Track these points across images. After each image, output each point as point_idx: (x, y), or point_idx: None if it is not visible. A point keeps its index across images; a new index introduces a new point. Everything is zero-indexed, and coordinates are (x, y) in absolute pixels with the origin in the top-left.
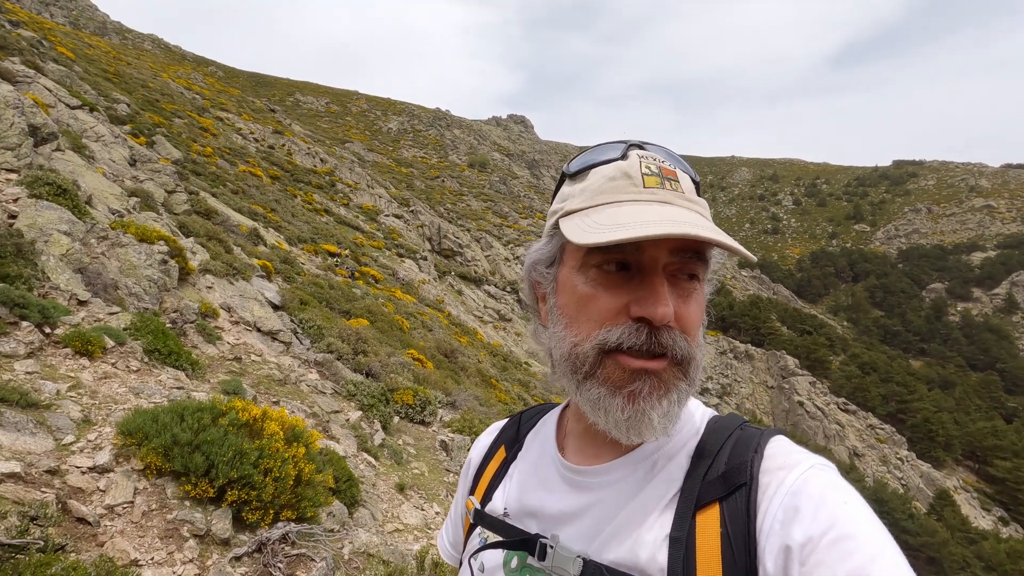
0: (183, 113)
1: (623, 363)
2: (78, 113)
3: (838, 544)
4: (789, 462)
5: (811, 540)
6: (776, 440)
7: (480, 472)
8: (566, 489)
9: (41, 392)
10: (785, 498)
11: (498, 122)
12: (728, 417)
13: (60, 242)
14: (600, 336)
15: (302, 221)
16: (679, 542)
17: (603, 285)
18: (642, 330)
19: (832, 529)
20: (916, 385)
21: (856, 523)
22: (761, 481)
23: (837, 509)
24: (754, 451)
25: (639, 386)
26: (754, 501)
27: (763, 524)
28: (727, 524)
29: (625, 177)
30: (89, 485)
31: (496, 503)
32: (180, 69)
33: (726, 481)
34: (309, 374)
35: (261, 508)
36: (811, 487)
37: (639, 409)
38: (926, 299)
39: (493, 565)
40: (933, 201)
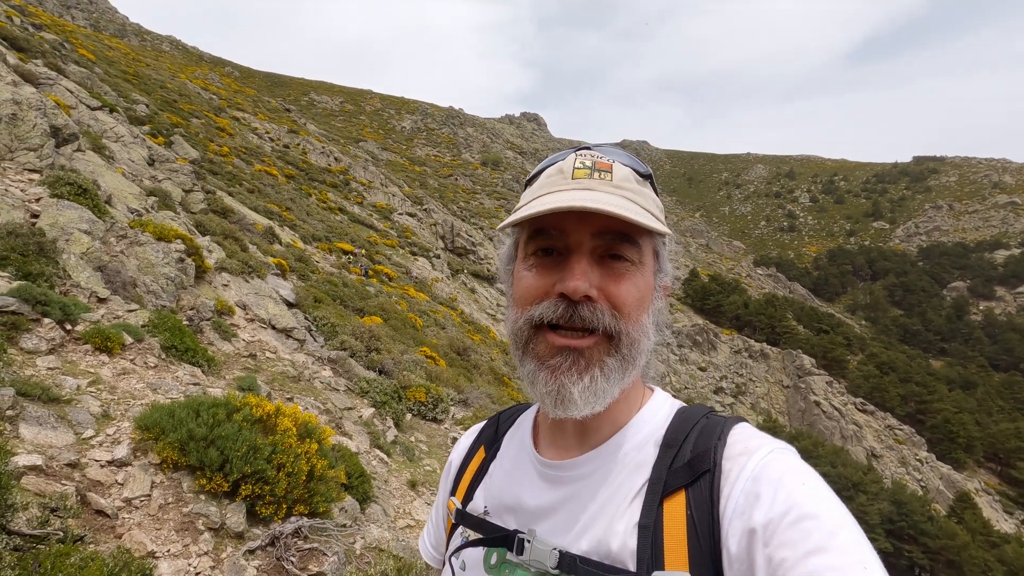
0: (200, 113)
1: (549, 339)
2: (98, 114)
3: (798, 524)
4: (750, 447)
5: (772, 522)
6: (739, 427)
7: (460, 473)
8: (542, 484)
9: (62, 387)
10: (747, 483)
11: (511, 120)
12: (694, 407)
13: (81, 241)
14: (529, 312)
15: (317, 219)
16: (647, 529)
17: (537, 269)
18: (559, 304)
19: (792, 510)
20: (936, 385)
21: (815, 503)
22: (724, 467)
23: (796, 491)
24: (717, 438)
25: (559, 361)
26: (717, 487)
27: (726, 509)
28: (692, 510)
29: (559, 173)
30: (108, 478)
31: (477, 502)
32: (197, 70)
33: (691, 469)
34: (323, 371)
35: (274, 502)
36: (770, 471)
37: (560, 383)
38: (947, 298)
39: (474, 562)
40: (955, 198)
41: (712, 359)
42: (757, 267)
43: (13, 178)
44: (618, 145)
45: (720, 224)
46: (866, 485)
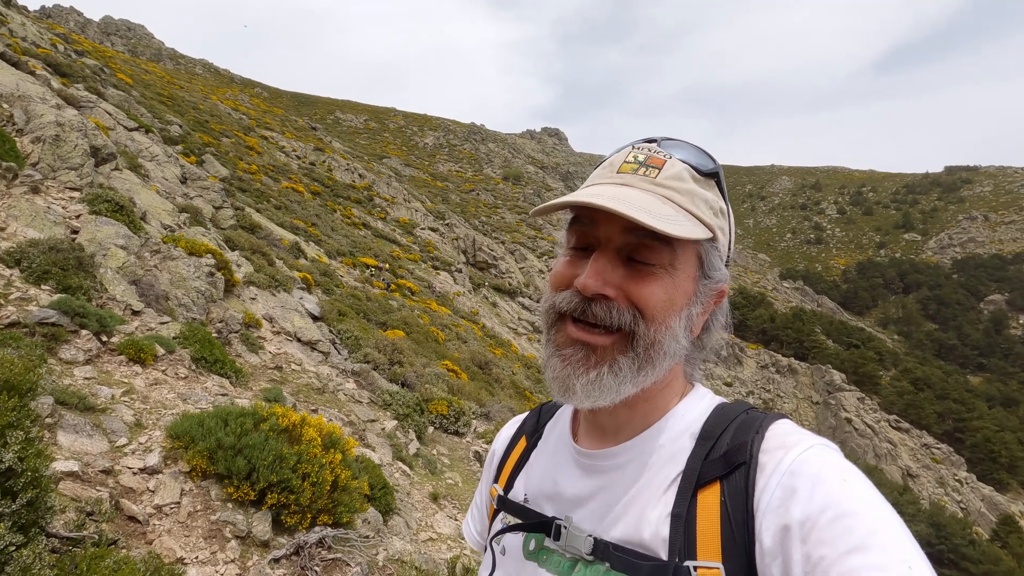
0: (230, 132)
1: (567, 330)
2: (135, 135)
3: (837, 521)
4: (788, 442)
5: (809, 518)
6: (779, 423)
7: (503, 462)
8: (579, 473)
9: (98, 396)
10: (783, 477)
11: (532, 135)
12: (735, 403)
13: (117, 255)
14: (553, 298)
15: (341, 235)
16: (680, 519)
17: (570, 258)
18: (575, 297)
19: (831, 507)
20: (975, 402)
21: (855, 500)
22: (760, 460)
23: (835, 487)
24: (755, 432)
25: (571, 352)
26: (752, 479)
27: (760, 502)
28: (727, 501)
29: (609, 166)
30: (139, 485)
31: (517, 490)
32: (228, 91)
33: (726, 460)
34: (347, 383)
35: (299, 512)
36: (809, 467)
37: (566, 373)
38: (984, 311)
39: (513, 547)
40: (990, 208)
41: (738, 374)
42: (783, 280)
43: (55, 196)
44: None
45: (744, 237)
46: (902, 506)
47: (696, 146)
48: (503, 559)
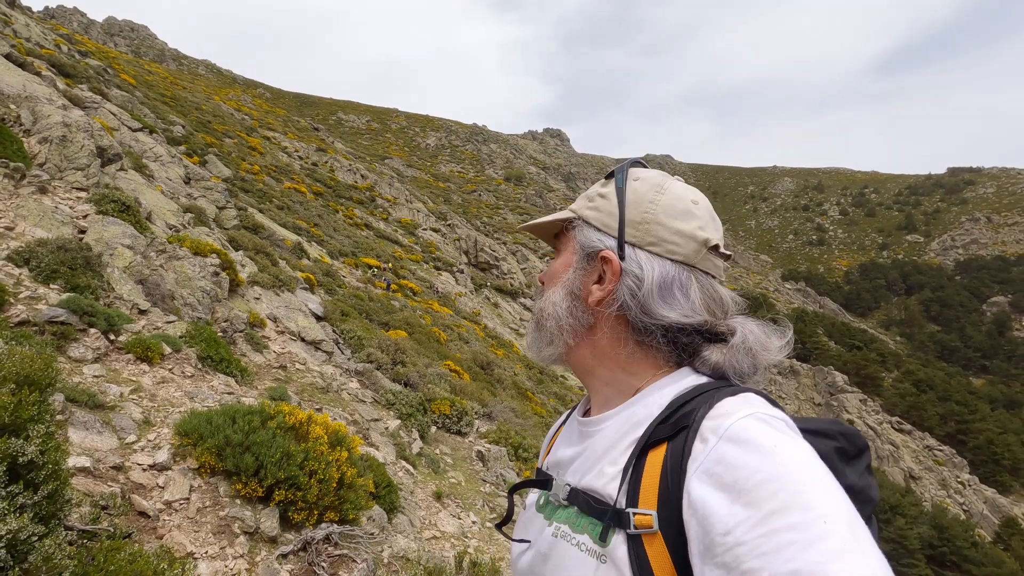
0: (233, 133)
1: None
2: (139, 135)
3: (763, 485)
4: (731, 410)
5: (737, 482)
6: (741, 396)
7: (547, 445)
8: (577, 439)
9: (106, 394)
10: (719, 443)
11: (534, 136)
12: (718, 382)
13: (124, 255)
14: None
15: (343, 235)
16: (627, 470)
17: None
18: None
19: (758, 471)
20: (978, 404)
21: (782, 465)
22: (703, 425)
23: (765, 454)
24: (706, 402)
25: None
26: (690, 441)
27: (693, 462)
28: (667, 460)
29: None
30: (149, 481)
31: (547, 462)
32: (231, 92)
33: (674, 424)
34: (350, 383)
35: (306, 508)
36: (744, 433)
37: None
38: (987, 313)
39: (531, 503)
40: (993, 210)
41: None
42: (785, 281)
43: (63, 196)
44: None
45: (746, 238)
46: (904, 508)
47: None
48: (522, 512)
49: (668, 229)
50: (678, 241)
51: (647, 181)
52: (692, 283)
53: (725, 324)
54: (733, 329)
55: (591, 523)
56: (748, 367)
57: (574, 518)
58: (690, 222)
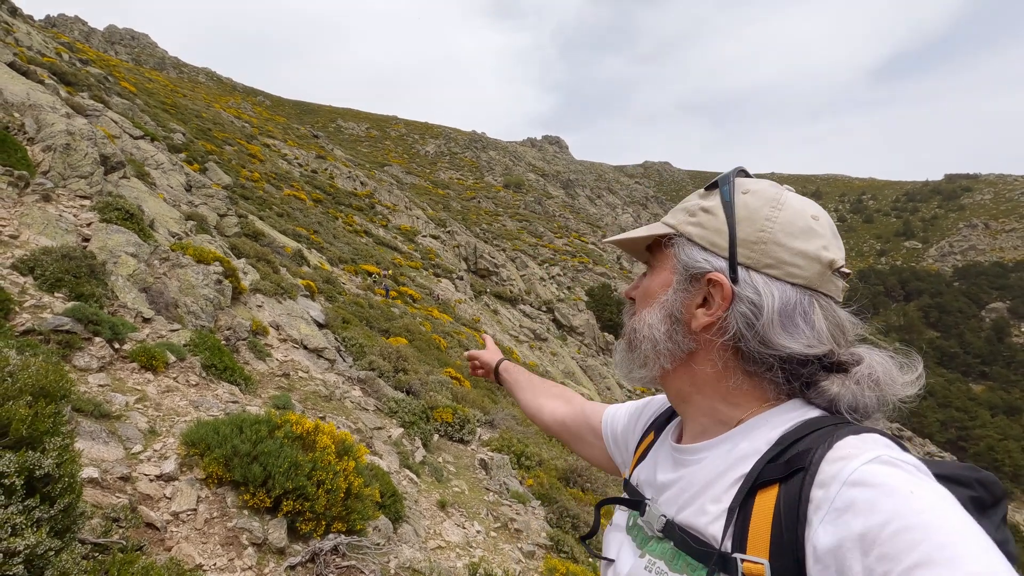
0: (233, 140)
1: None
2: (140, 143)
3: (901, 535)
4: (853, 453)
5: (871, 531)
6: (861, 436)
7: (638, 447)
8: (670, 465)
9: (112, 404)
10: (842, 488)
11: (533, 143)
12: (835, 416)
13: (127, 263)
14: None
15: (343, 242)
16: (734, 513)
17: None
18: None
19: (894, 520)
20: (978, 411)
21: (922, 513)
22: (821, 468)
23: (900, 500)
24: (824, 441)
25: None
26: (808, 485)
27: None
28: (781, 504)
29: None
30: (156, 492)
31: (636, 475)
32: (231, 99)
33: (787, 465)
34: (353, 391)
35: (314, 519)
36: (873, 477)
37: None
38: (986, 319)
39: (620, 520)
40: (990, 216)
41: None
42: None
43: (66, 204)
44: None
45: None
46: None
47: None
48: (610, 528)
49: (789, 250)
50: (800, 263)
51: (760, 195)
52: (815, 309)
53: (848, 352)
54: (859, 358)
55: (690, 565)
56: (872, 402)
57: (670, 555)
58: (813, 241)
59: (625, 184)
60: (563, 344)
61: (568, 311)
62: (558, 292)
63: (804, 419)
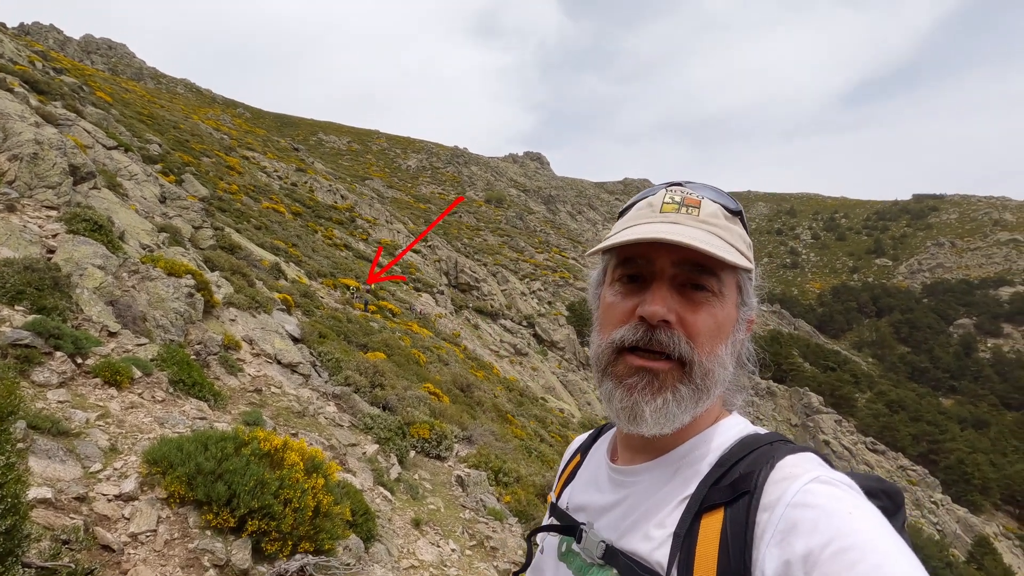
0: (211, 152)
1: (628, 360)
2: (114, 153)
3: (841, 555)
4: (795, 473)
5: (812, 552)
6: (798, 455)
7: (561, 474)
8: (607, 486)
9: (71, 420)
10: (786, 510)
11: (515, 159)
12: (767, 434)
13: (94, 275)
14: (611, 336)
15: (322, 256)
16: (679, 538)
17: (622, 294)
18: (639, 327)
19: (834, 541)
20: (948, 424)
21: (860, 534)
22: (765, 491)
23: (839, 520)
24: (766, 463)
25: (636, 381)
26: (754, 509)
27: (764, 533)
28: (727, 528)
29: (648, 207)
30: (114, 513)
31: (564, 498)
32: (210, 111)
33: (732, 488)
34: (327, 407)
35: (280, 539)
36: (813, 498)
37: (633, 401)
38: (954, 335)
39: (550, 548)
40: (956, 235)
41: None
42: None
43: (32, 215)
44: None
45: None
46: None
47: (718, 189)
48: (540, 556)
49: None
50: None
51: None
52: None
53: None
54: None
55: None
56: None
57: None
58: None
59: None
60: (544, 359)
61: (549, 326)
62: (539, 307)
63: (741, 437)
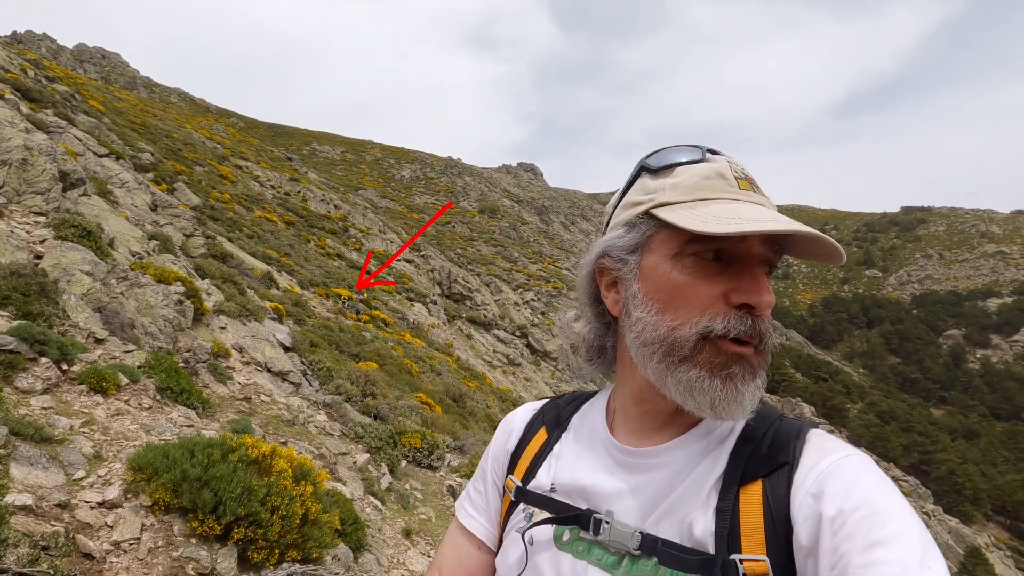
0: (204, 161)
1: (722, 347)
2: (105, 161)
3: (868, 518)
4: (827, 448)
5: (842, 513)
6: (815, 431)
7: (519, 452)
8: (617, 469)
9: (55, 427)
10: (821, 478)
11: (508, 170)
12: (768, 408)
13: (82, 282)
14: (704, 323)
15: (315, 265)
16: (725, 513)
17: (700, 273)
18: (746, 318)
19: (863, 506)
20: (939, 435)
21: (887, 502)
22: (802, 462)
23: (869, 491)
24: (795, 436)
25: (736, 369)
26: (792, 479)
27: (801, 500)
28: (769, 498)
29: (720, 177)
30: (97, 520)
31: (541, 480)
32: (203, 120)
33: (770, 460)
34: (317, 415)
35: (267, 547)
36: (847, 470)
37: (735, 389)
38: (943, 346)
39: (543, 538)
40: (944, 247)
41: None
42: None
43: (19, 220)
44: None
45: None
46: None
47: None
48: (531, 550)
49: None
50: None
51: None
52: None
53: None
54: None
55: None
56: None
57: (652, 573)
58: None
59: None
60: (537, 369)
61: (542, 336)
62: (532, 317)
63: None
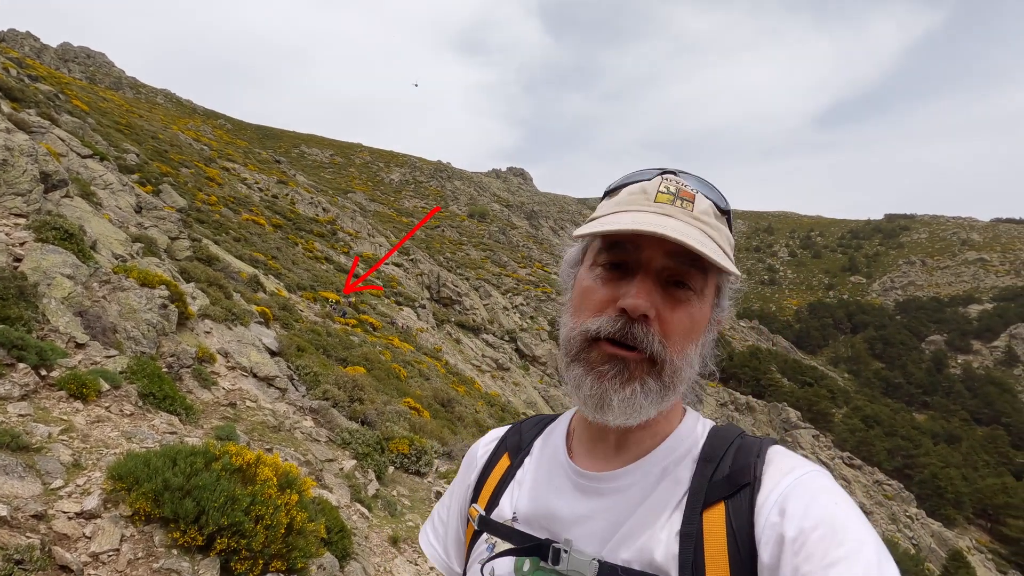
0: (190, 163)
1: (601, 348)
2: (88, 162)
3: (826, 538)
4: (787, 467)
5: (802, 532)
6: (775, 448)
7: (482, 480)
8: (576, 494)
9: (32, 435)
10: (781, 499)
11: (498, 174)
12: (727, 427)
13: (63, 285)
14: (586, 324)
15: (302, 268)
16: (689, 537)
17: (603, 280)
18: (618, 320)
19: (821, 525)
20: (922, 439)
21: (844, 520)
22: (764, 483)
23: (827, 508)
24: (755, 456)
25: (607, 369)
26: (754, 500)
27: (762, 520)
28: (732, 520)
29: (642, 193)
30: (75, 531)
31: (503, 509)
32: (190, 122)
33: (730, 482)
34: (304, 421)
35: (251, 558)
36: (805, 489)
37: (603, 388)
38: (926, 351)
39: (505, 572)
40: (927, 254)
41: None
42: (740, 319)
43: None
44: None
45: None
46: None
47: (710, 183)
48: None
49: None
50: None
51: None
52: None
53: None
54: None
55: None
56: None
57: None
58: None
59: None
60: (526, 374)
61: (531, 341)
62: (521, 321)
63: (707, 431)
